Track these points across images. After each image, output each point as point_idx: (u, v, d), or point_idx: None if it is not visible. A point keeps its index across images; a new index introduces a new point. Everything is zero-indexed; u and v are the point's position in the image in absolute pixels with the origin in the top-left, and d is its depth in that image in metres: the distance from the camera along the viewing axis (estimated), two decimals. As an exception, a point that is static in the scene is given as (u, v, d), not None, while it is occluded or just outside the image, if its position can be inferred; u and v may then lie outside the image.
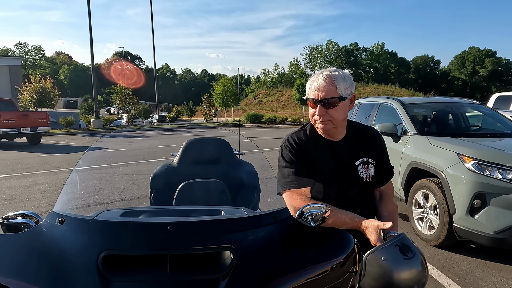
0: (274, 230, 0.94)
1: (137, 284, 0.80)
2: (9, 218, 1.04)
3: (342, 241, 0.97)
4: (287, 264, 0.87)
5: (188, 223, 0.97)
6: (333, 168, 1.46)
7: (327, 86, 1.35)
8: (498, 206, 3.04)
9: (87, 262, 0.81)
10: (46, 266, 0.86)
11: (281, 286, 0.82)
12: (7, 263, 0.88)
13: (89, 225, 0.94)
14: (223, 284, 0.79)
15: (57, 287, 0.79)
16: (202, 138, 2.26)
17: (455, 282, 2.91)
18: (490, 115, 4.84)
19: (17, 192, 6.00)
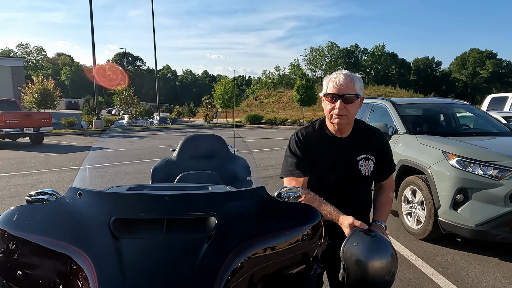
0: (251, 203, 1.13)
1: (140, 240, 0.99)
2: (32, 195, 1.23)
3: (310, 214, 1.15)
4: (261, 229, 1.06)
5: (181, 195, 1.17)
6: (335, 162, 1.64)
7: (348, 83, 1.53)
8: (479, 200, 3.22)
9: (101, 224, 1.00)
10: (69, 226, 1.05)
11: (255, 247, 1.01)
12: (38, 225, 1.07)
13: (102, 196, 1.14)
14: (207, 242, 0.97)
15: (79, 242, 0.98)
16: (199, 135, 2.45)
17: (438, 272, 3.08)
18: (478, 115, 5.02)
19: (22, 189, 6.19)
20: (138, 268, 0.91)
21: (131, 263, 0.91)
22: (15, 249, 1.05)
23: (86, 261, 0.93)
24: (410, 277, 3.00)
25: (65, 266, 0.97)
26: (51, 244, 1.01)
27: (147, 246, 0.97)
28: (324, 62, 73.37)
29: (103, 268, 0.90)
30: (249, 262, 0.98)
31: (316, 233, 1.14)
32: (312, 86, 29.41)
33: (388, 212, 1.75)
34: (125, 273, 0.88)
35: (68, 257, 0.97)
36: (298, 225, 1.12)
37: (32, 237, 1.04)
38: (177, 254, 0.95)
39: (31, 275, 1.04)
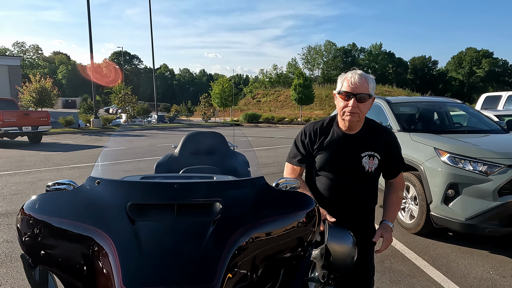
0: (252, 191, 1.24)
1: (153, 223, 1.10)
2: (50, 186, 1.33)
3: (305, 202, 1.27)
4: (260, 214, 1.17)
5: (189, 183, 1.29)
6: (340, 156, 1.73)
7: (362, 83, 1.62)
8: (469, 195, 3.34)
9: (118, 209, 1.11)
10: (90, 210, 1.15)
11: (255, 229, 1.12)
12: (61, 210, 1.18)
13: (118, 184, 1.25)
14: (213, 225, 1.09)
15: (99, 224, 1.09)
16: (200, 132, 2.56)
17: (430, 264, 3.21)
18: (471, 114, 5.14)
19: (23, 187, 6.27)
20: (153, 247, 1.02)
21: (147, 243, 1.02)
22: (39, 231, 1.16)
23: (107, 241, 1.03)
24: (403, 268, 3.12)
25: (87, 245, 1.08)
26: (73, 226, 1.12)
27: (160, 227, 1.08)
28: (322, 61, 73.55)
29: (123, 247, 1.01)
30: (250, 243, 1.09)
31: (311, 220, 1.25)
32: (310, 85, 29.51)
33: (396, 212, 1.83)
34: (143, 251, 0.99)
35: (89, 237, 1.08)
36: (294, 211, 1.23)
37: (55, 220, 1.15)
38: (187, 235, 1.06)
39: (54, 254, 1.15)
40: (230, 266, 1.00)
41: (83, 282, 1.09)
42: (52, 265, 1.15)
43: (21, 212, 1.21)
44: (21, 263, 2.78)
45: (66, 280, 1.13)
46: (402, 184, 1.88)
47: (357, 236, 1.71)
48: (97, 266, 1.04)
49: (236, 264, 1.03)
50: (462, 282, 2.88)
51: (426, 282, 2.88)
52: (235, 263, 1.03)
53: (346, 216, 1.74)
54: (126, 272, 0.94)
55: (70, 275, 1.12)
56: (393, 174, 1.85)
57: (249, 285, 1.08)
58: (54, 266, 1.15)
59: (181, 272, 0.96)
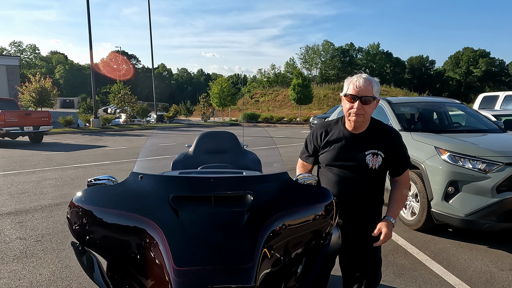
0: (278, 184, 1.38)
1: (193, 212, 1.22)
2: (91, 181, 1.45)
3: (324, 194, 1.40)
4: (286, 205, 1.30)
5: (224, 177, 1.42)
6: (345, 153, 1.86)
7: (367, 86, 1.73)
8: (469, 192, 3.47)
9: (162, 200, 1.24)
10: (137, 202, 1.28)
11: (282, 218, 1.24)
12: (110, 201, 1.30)
13: (161, 179, 1.37)
14: (247, 213, 1.21)
15: (146, 214, 1.21)
16: (213, 131, 2.68)
17: (431, 258, 3.34)
18: (469, 113, 5.28)
19: (29, 186, 6.36)
20: (197, 233, 1.14)
21: (191, 230, 1.15)
22: (89, 220, 1.27)
23: (155, 228, 1.15)
24: (405, 262, 3.25)
25: (136, 232, 1.20)
26: (123, 215, 1.24)
27: (201, 216, 1.20)
28: (320, 61, 73.76)
29: (170, 233, 1.14)
30: (279, 230, 1.22)
31: (329, 212, 1.38)
32: (308, 85, 29.65)
33: (400, 209, 1.92)
34: (188, 237, 1.12)
35: (138, 224, 1.20)
36: (315, 203, 1.36)
37: (105, 210, 1.27)
38: (225, 223, 1.18)
39: (105, 240, 1.27)
40: (263, 249, 1.12)
41: (132, 264, 1.21)
42: (102, 249, 1.27)
43: (71, 204, 1.32)
44: (36, 258, 2.92)
45: (114, 262, 1.26)
46: (406, 182, 1.97)
47: (363, 231, 1.83)
48: (146, 250, 1.16)
49: (268, 248, 1.16)
50: (463, 275, 3.01)
51: (428, 275, 3.01)
52: (268, 247, 1.15)
53: (352, 211, 1.85)
54: (176, 255, 1.06)
55: (120, 258, 1.24)
56: (397, 172, 1.94)
57: (279, 267, 1.20)
58: (104, 250, 1.27)
59: (223, 254, 1.08)
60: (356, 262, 1.92)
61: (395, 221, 1.89)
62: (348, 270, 1.97)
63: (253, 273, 1.04)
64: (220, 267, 1.04)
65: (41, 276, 3.00)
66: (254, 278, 1.03)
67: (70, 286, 2.84)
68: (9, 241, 3.78)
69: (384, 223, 1.82)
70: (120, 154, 10.60)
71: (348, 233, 1.85)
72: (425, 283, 2.89)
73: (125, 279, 1.24)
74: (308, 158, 2.02)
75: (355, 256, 1.92)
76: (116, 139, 15.60)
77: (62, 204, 5.17)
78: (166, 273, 1.03)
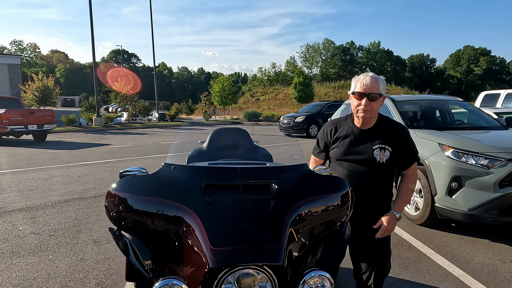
0: (299, 174, 1.48)
1: (224, 199, 1.32)
2: (123, 173, 1.55)
3: (340, 185, 1.50)
4: (307, 193, 1.40)
5: (250, 168, 1.54)
6: (354, 148, 1.95)
7: (373, 84, 1.84)
8: (472, 187, 3.56)
9: (195, 189, 1.34)
10: (170, 190, 1.38)
11: (304, 205, 1.34)
12: (146, 189, 1.40)
13: (192, 169, 1.48)
14: (273, 200, 1.31)
15: (181, 200, 1.31)
16: (226, 128, 2.77)
17: (435, 251, 3.43)
18: (472, 111, 5.37)
19: (38, 183, 6.46)
20: (229, 217, 1.24)
21: (223, 215, 1.25)
22: (124, 207, 1.37)
23: (190, 213, 1.25)
24: (410, 255, 3.35)
25: (173, 218, 1.30)
26: (159, 202, 1.35)
27: (232, 204, 1.30)
28: (320, 59, 73.79)
29: (205, 217, 1.24)
30: (301, 216, 1.32)
31: (345, 202, 1.48)
32: (309, 83, 29.75)
33: (405, 202, 1.98)
34: (221, 221, 1.22)
35: (174, 210, 1.30)
36: (332, 191, 1.47)
37: (141, 198, 1.38)
38: (254, 208, 1.29)
39: (142, 224, 1.37)
40: (289, 232, 1.22)
41: (168, 246, 1.31)
42: (138, 233, 1.37)
43: (108, 193, 1.42)
44: (51, 252, 3.05)
45: (151, 245, 1.35)
46: (413, 176, 2.03)
47: (372, 223, 1.91)
48: (182, 233, 1.26)
49: (293, 232, 1.25)
50: (466, 267, 3.10)
51: (432, 267, 3.11)
52: (293, 231, 1.25)
53: (362, 203, 1.93)
54: (212, 237, 1.16)
55: (155, 241, 1.34)
56: (404, 166, 2.01)
57: (302, 249, 1.30)
58: (140, 234, 1.37)
59: (253, 236, 1.18)
60: (366, 253, 2.01)
61: (400, 215, 1.94)
62: (358, 261, 2.06)
63: (281, 253, 1.13)
64: (251, 247, 1.14)
65: (58, 269, 3.10)
66: (282, 258, 1.13)
67: (87, 278, 2.94)
68: (23, 236, 3.88)
69: (386, 217, 1.90)
70: (124, 152, 10.70)
71: (358, 225, 1.94)
72: (429, 274, 2.98)
73: (161, 260, 1.34)
74: (320, 154, 2.13)
75: (364, 247, 2.00)
76: (119, 137, 15.70)
77: (71, 201, 5.27)
78: (202, 253, 1.13)
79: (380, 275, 2.00)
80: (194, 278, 1.15)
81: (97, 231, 4.01)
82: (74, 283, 2.86)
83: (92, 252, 3.44)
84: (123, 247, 1.41)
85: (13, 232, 4.00)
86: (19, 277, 2.95)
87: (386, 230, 1.89)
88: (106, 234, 3.90)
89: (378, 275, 2.00)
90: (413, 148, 2.02)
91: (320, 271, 1.17)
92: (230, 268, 1.10)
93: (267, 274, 1.11)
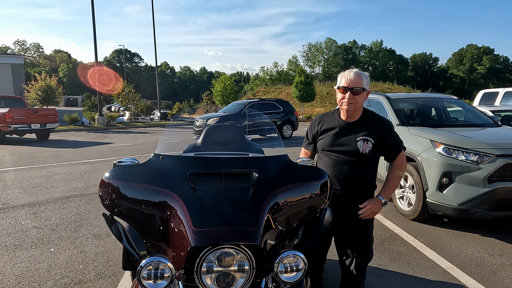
0: (279, 164, 1.58)
1: (207, 186, 1.43)
2: (116, 163, 1.65)
3: (319, 174, 1.60)
4: (286, 182, 1.50)
5: (233, 157, 1.65)
6: (339, 139, 2.08)
7: (356, 79, 1.97)
8: (462, 182, 3.65)
9: (180, 177, 1.44)
10: (159, 177, 1.48)
11: (283, 193, 1.44)
12: (137, 177, 1.51)
13: (179, 159, 1.58)
14: (253, 188, 1.41)
15: (168, 187, 1.41)
16: (219, 124, 2.87)
17: (425, 245, 3.52)
18: (467, 109, 5.44)
19: (40, 181, 6.59)
20: (211, 201, 1.35)
21: (205, 200, 1.35)
22: (118, 194, 1.48)
23: (176, 198, 1.36)
24: (401, 249, 3.44)
25: (160, 203, 1.41)
26: (148, 189, 1.45)
27: (214, 190, 1.41)
28: (322, 58, 73.74)
29: (189, 201, 1.34)
30: (279, 203, 1.42)
31: (324, 191, 1.58)
32: (311, 82, 29.79)
33: (391, 189, 2.12)
34: (204, 205, 1.32)
35: (161, 196, 1.41)
36: (311, 180, 1.57)
37: (132, 185, 1.48)
38: (235, 195, 1.39)
39: (132, 209, 1.48)
40: (267, 216, 1.32)
41: (156, 228, 1.41)
42: (129, 218, 1.48)
43: (101, 182, 1.53)
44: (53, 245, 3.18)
45: (140, 229, 1.46)
46: (400, 164, 2.14)
47: (354, 211, 2.04)
48: (169, 217, 1.36)
49: (271, 216, 1.36)
50: (454, 260, 3.19)
51: (421, 260, 3.20)
52: (270, 215, 1.35)
53: (345, 192, 2.06)
54: (194, 218, 1.27)
55: (145, 224, 1.44)
56: (391, 156, 2.14)
57: (279, 233, 1.40)
58: (131, 219, 1.47)
59: (233, 218, 1.28)
60: (349, 240, 2.13)
61: (386, 201, 2.09)
62: (341, 248, 2.17)
63: (258, 233, 1.23)
64: (230, 228, 1.24)
65: (59, 260, 3.21)
66: (259, 238, 1.23)
67: (87, 269, 3.05)
68: (26, 230, 4.00)
69: (372, 200, 2.06)
70: (126, 151, 10.83)
71: (341, 213, 2.05)
72: (418, 266, 3.07)
73: (150, 242, 1.44)
74: (309, 146, 2.28)
75: (347, 234, 2.12)
76: (121, 136, 15.85)
77: (72, 197, 5.39)
78: (186, 234, 1.23)
79: (362, 261, 2.11)
80: (178, 257, 1.25)
81: (97, 226, 4.12)
82: (74, 273, 2.97)
83: (92, 245, 3.55)
84: (116, 232, 1.52)
85: (16, 226, 4.12)
86: (22, 268, 3.06)
87: (370, 212, 2.03)
88: (106, 229, 4.01)
89: (360, 261, 2.10)
90: (397, 139, 2.14)
91: (294, 251, 1.27)
92: (211, 247, 1.20)
93: (245, 253, 1.21)
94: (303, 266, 1.27)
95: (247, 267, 1.23)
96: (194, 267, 1.21)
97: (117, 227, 1.55)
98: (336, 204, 2.00)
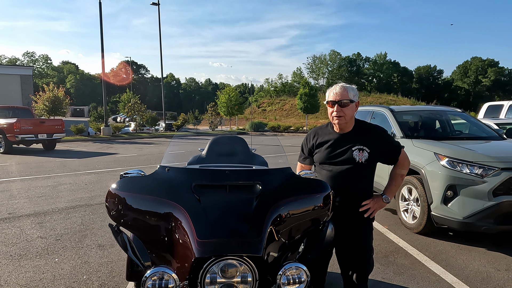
0: (282, 177, 1.60)
1: (212, 198, 1.45)
2: (123, 175, 1.68)
3: (322, 187, 1.61)
4: (289, 194, 1.52)
5: (237, 170, 1.67)
6: (335, 151, 2.10)
7: (342, 92, 2.02)
8: (466, 195, 3.63)
9: (186, 188, 1.47)
10: (165, 189, 1.51)
11: (286, 205, 1.46)
12: (143, 188, 1.54)
13: (184, 171, 1.61)
14: (256, 200, 1.43)
15: (173, 198, 1.44)
16: (224, 136, 2.91)
17: (431, 259, 3.49)
18: (471, 122, 5.44)
19: (46, 190, 6.64)
20: (215, 214, 1.37)
21: (210, 211, 1.37)
22: (124, 204, 1.50)
23: (180, 209, 1.38)
24: (405, 262, 3.41)
25: (165, 214, 1.43)
26: (154, 200, 1.48)
27: (218, 202, 1.44)
28: (327, 71, 74.19)
29: (193, 213, 1.37)
30: (282, 214, 1.44)
31: (327, 203, 1.60)
32: (315, 94, 29.94)
33: (394, 186, 2.17)
34: (208, 217, 1.34)
35: (167, 207, 1.43)
36: (314, 193, 1.59)
37: (138, 196, 1.51)
38: (238, 207, 1.41)
39: (138, 220, 1.50)
40: (270, 228, 1.34)
41: (161, 239, 1.43)
42: (135, 228, 1.50)
43: (108, 193, 1.56)
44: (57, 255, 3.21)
45: (146, 239, 1.48)
46: (402, 163, 2.18)
47: (354, 220, 2.06)
48: (173, 227, 1.39)
49: (274, 228, 1.37)
50: (460, 274, 3.16)
51: (426, 274, 3.17)
52: (274, 227, 1.37)
53: (344, 202, 2.08)
54: (198, 229, 1.29)
55: (150, 235, 1.46)
56: (391, 160, 2.18)
57: (282, 245, 1.41)
58: (137, 229, 1.50)
59: (236, 230, 1.31)
60: (349, 251, 2.13)
61: (389, 198, 2.13)
62: (343, 259, 2.18)
63: (261, 245, 1.25)
64: (234, 240, 1.26)
65: (63, 271, 3.23)
66: (262, 250, 1.24)
67: (90, 279, 3.06)
68: (31, 240, 4.02)
69: (374, 198, 2.11)
70: (131, 161, 10.90)
71: (341, 224, 2.06)
72: (423, 280, 3.04)
73: (155, 252, 1.46)
74: (305, 160, 2.29)
75: (348, 245, 2.12)
76: (126, 146, 15.96)
77: (78, 207, 5.42)
78: (190, 245, 1.25)
79: (363, 271, 2.11)
80: (183, 267, 1.27)
81: (101, 236, 4.14)
82: (78, 284, 2.98)
83: (96, 256, 3.56)
84: (121, 242, 1.54)
85: (21, 236, 4.15)
86: (26, 278, 3.08)
87: (372, 209, 2.07)
88: (110, 239, 4.03)
89: (361, 271, 2.11)
90: (393, 142, 2.19)
91: (297, 263, 1.28)
92: (214, 258, 1.22)
93: (248, 265, 1.23)
94: (306, 279, 1.28)
95: (250, 278, 1.24)
96: (198, 278, 1.22)
97: (122, 237, 1.57)
98: (335, 214, 2.01)
